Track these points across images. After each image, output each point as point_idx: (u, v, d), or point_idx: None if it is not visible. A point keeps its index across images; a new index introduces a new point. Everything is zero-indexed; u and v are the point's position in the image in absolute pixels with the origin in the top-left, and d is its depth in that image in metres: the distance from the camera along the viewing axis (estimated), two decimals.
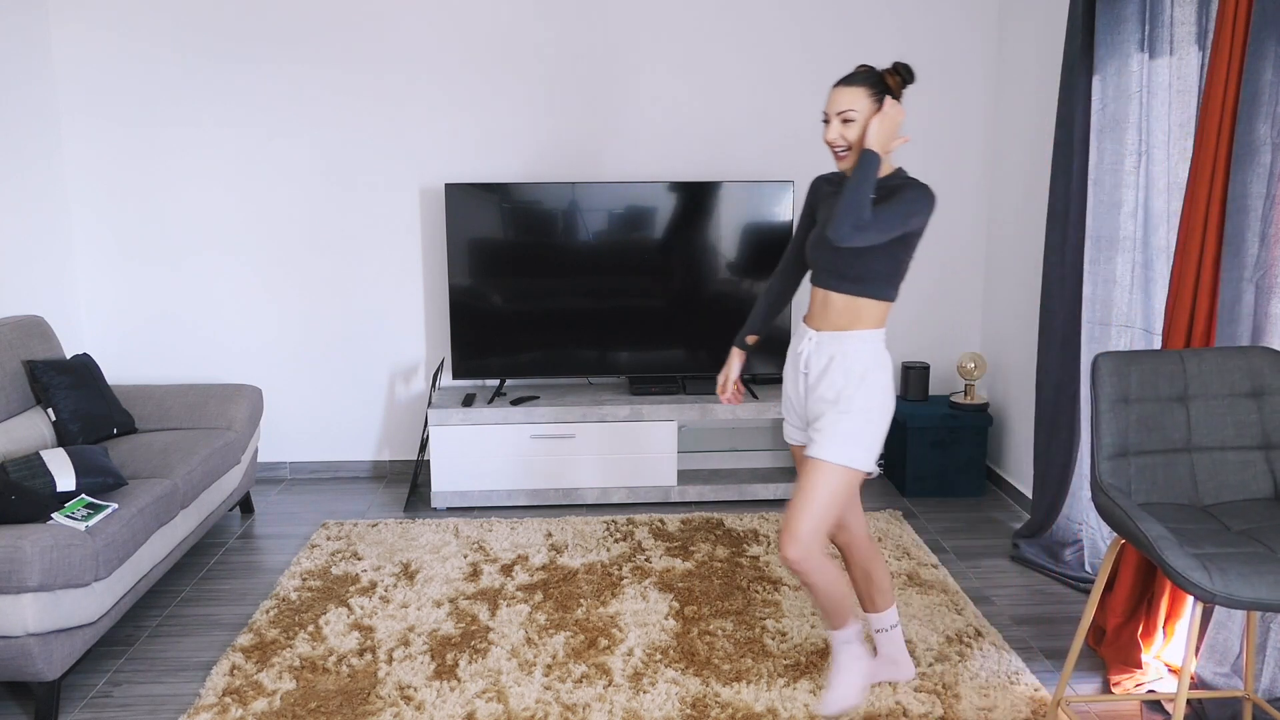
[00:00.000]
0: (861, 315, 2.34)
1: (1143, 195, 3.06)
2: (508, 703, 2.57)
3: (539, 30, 4.16)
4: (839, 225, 2.20)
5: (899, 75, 2.32)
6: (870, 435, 2.32)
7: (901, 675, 2.67)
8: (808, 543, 2.28)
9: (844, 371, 2.33)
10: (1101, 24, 3.15)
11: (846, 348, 2.34)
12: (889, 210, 2.23)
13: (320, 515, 3.98)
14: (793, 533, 2.29)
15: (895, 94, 2.30)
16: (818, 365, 2.38)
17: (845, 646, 2.50)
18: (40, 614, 2.40)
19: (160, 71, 4.10)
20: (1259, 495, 2.24)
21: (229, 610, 3.15)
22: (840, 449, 2.29)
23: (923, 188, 2.27)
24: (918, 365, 4.31)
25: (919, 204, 2.25)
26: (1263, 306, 2.43)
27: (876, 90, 2.28)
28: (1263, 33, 2.36)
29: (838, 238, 2.21)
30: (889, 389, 2.36)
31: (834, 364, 2.34)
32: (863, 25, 4.24)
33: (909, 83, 2.32)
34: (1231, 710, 2.45)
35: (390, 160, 4.22)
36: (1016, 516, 3.97)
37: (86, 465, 2.90)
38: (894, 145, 2.30)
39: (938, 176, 4.36)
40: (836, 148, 2.31)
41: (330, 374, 4.39)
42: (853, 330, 2.35)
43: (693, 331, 4.19)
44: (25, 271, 3.84)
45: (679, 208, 4.10)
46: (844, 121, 2.28)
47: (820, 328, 2.40)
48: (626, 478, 4.03)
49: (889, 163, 2.35)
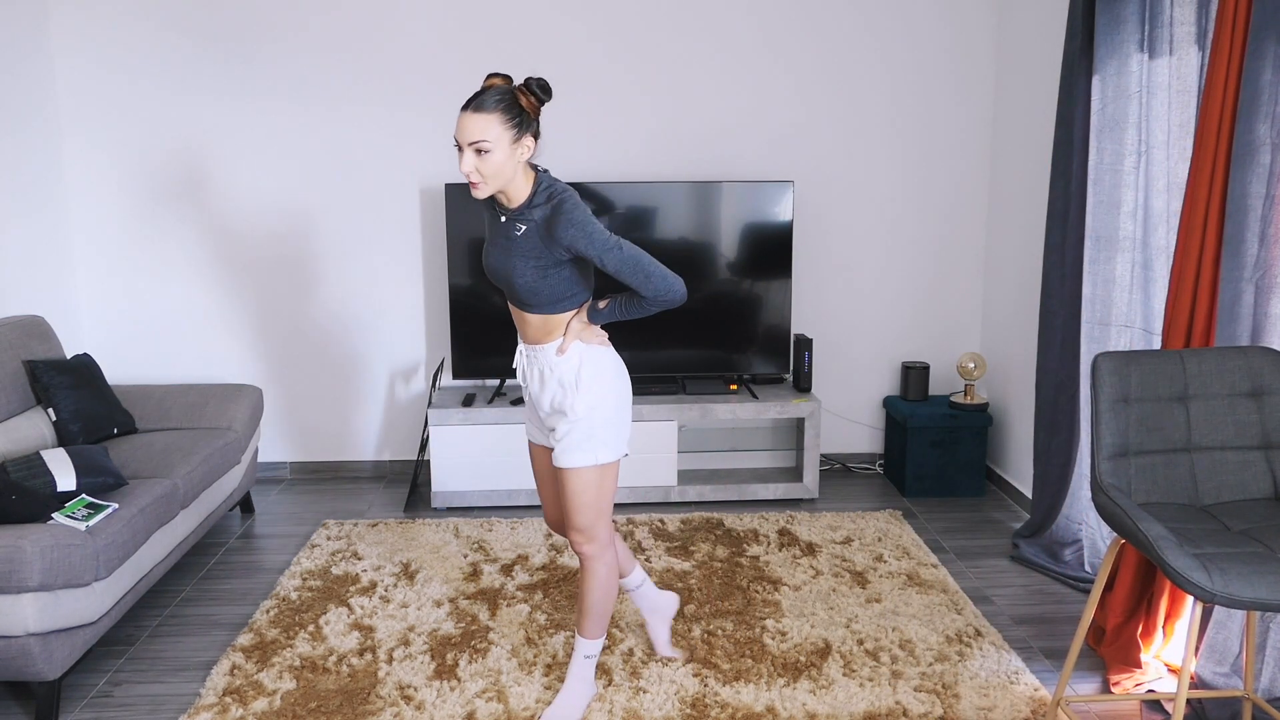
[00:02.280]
0: (554, 328, 2.33)
1: (1142, 195, 3.06)
2: (508, 703, 2.57)
3: (539, 31, 4.16)
4: (665, 295, 2.24)
5: (533, 94, 2.16)
6: (606, 430, 2.34)
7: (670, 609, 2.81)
8: (598, 533, 2.38)
9: (558, 382, 2.34)
10: (1101, 24, 3.15)
11: (552, 360, 2.34)
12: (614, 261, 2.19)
13: (320, 515, 3.98)
14: (579, 528, 2.37)
15: (532, 115, 2.17)
16: (534, 378, 2.39)
17: (589, 661, 2.54)
18: (40, 614, 2.40)
19: (160, 72, 4.10)
20: (1259, 495, 2.24)
21: (229, 610, 3.15)
22: (584, 454, 2.31)
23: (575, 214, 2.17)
24: (918, 365, 4.31)
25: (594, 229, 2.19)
26: (1263, 306, 2.43)
27: (511, 117, 2.12)
28: (1262, 33, 2.36)
29: (675, 301, 2.26)
30: (609, 376, 2.35)
31: (547, 376, 2.35)
32: (863, 25, 4.24)
33: (545, 101, 2.19)
34: (1231, 710, 2.45)
35: (391, 160, 4.23)
36: (1016, 516, 3.97)
37: (87, 465, 2.90)
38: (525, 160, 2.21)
39: (938, 176, 4.37)
40: (471, 180, 2.16)
41: (330, 374, 4.39)
42: (552, 341, 2.34)
43: (693, 331, 4.19)
44: (25, 271, 3.84)
45: (679, 208, 4.10)
46: (477, 152, 2.11)
47: (525, 340, 2.39)
48: (627, 477, 4.03)
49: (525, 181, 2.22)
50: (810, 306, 4.46)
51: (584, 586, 2.46)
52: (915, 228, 4.42)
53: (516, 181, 2.21)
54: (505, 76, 2.21)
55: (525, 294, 2.27)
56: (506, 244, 2.26)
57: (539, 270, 2.24)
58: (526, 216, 2.23)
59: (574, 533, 2.39)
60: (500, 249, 2.28)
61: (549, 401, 2.37)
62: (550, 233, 2.19)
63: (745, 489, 4.10)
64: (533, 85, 2.17)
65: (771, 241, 4.13)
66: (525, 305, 2.31)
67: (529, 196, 2.23)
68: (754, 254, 4.15)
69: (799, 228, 4.36)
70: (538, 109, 2.19)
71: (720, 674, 2.71)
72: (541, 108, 2.21)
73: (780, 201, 4.10)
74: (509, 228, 2.26)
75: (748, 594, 3.19)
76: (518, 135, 2.14)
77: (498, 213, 2.30)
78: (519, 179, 2.21)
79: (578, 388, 2.31)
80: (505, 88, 2.17)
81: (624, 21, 4.18)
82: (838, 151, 4.33)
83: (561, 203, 2.20)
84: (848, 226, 4.40)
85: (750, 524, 3.80)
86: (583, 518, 2.36)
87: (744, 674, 2.71)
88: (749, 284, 4.18)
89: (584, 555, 2.42)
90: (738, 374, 4.27)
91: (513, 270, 2.25)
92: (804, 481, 4.11)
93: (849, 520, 3.84)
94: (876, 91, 4.30)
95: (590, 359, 2.33)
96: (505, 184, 2.19)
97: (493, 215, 2.33)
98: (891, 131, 4.33)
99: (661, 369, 4.22)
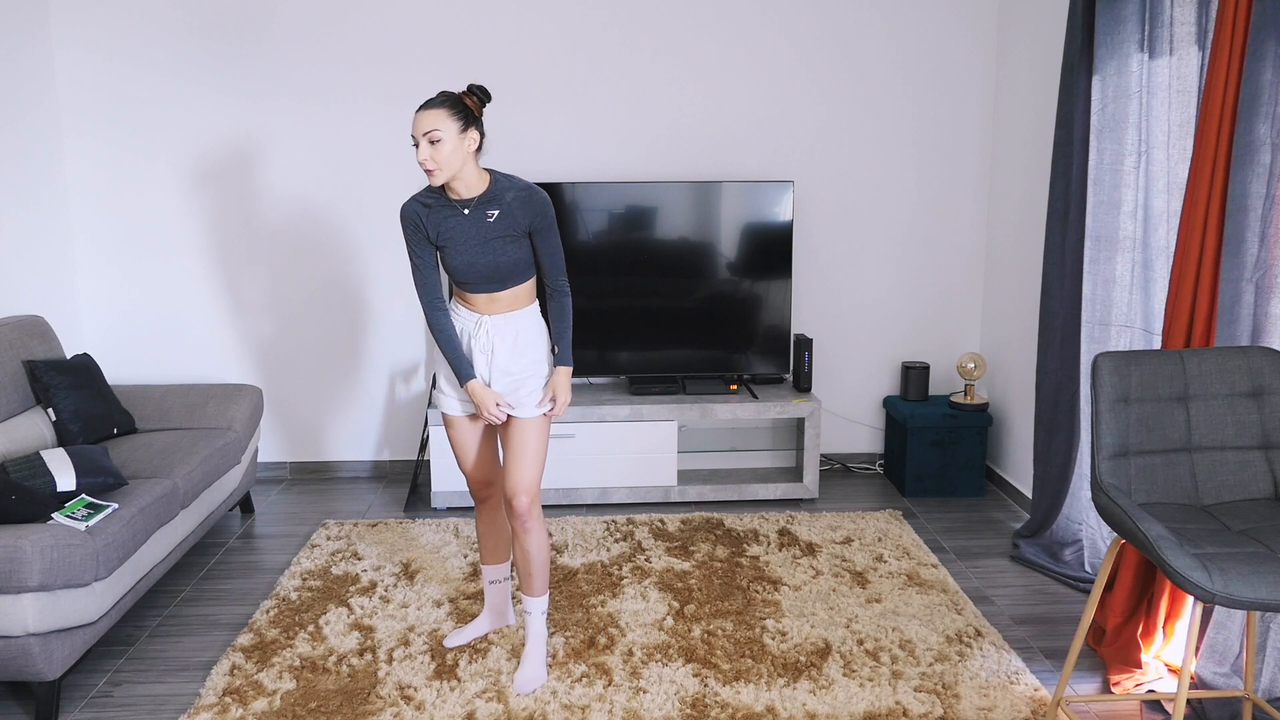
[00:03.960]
0: (524, 294, 2.63)
1: (1142, 195, 3.06)
2: (508, 703, 2.57)
3: (539, 31, 4.16)
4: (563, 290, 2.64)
5: (475, 96, 2.48)
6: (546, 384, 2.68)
7: (506, 622, 2.96)
8: (538, 492, 2.64)
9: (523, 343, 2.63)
10: (1101, 24, 3.15)
11: (522, 322, 2.63)
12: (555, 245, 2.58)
13: (320, 515, 3.98)
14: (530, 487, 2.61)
15: (476, 113, 2.47)
16: (503, 347, 2.60)
17: (543, 616, 2.72)
18: (40, 614, 2.40)
19: (160, 72, 4.10)
20: (1259, 495, 2.24)
21: (229, 610, 3.15)
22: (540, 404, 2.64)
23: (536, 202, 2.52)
24: (918, 365, 4.31)
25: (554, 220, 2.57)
26: (1263, 306, 2.43)
27: (457, 111, 2.43)
28: (1262, 33, 2.36)
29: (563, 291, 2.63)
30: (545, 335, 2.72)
31: (520, 340, 2.62)
32: (863, 26, 4.24)
33: (485, 102, 2.50)
34: (1231, 710, 2.45)
35: (390, 160, 4.22)
36: (1016, 516, 3.97)
37: (87, 465, 2.90)
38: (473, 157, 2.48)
39: (938, 176, 4.37)
40: (426, 167, 2.42)
41: (330, 374, 4.39)
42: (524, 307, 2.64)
43: (693, 331, 4.19)
44: (25, 271, 3.84)
45: (679, 208, 4.10)
46: (431, 142, 2.40)
47: (493, 312, 2.61)
48: (626, 478, 4.03)
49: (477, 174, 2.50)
50: (810, 306, 4.46)
51: (530, 548, 2.64)
52: (915, 228, 4.42)
53: (468, 171, 2.48)
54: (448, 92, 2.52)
55: (510, 270, 2.55)
56: (481, 233, 2.51)
57: (516, 244, 2.53)
58: (497, 201, 2.51)
59: (523, 495, 2.59)
60: (475, 242, 2.52)
61: (518, 363, 2.61)
62: (526, 209, 2.51)
63: (745, 489, 4.10)
64: (474, 89, 2.50)
65: (771, 241, 4.13)
66: (504, 283, 2.56)
67: (488, 185, 2.52)
68: (754, 254, 4.15)
69: (799, 228, 4.36)
70: (480, 108, 2.50)
71: (720, 674, 2.71)
72: (483, 107, 2.51)
73: (780, 201, 4.10)
74: (478, 216, 2.51)
75: (748, 594, 3.19)
76: (464, 127, 2.43)
77: (458, 208, 2.52)
78: (470, 168, 2.48)
79: (543, 349, 2.66)
80: (450, 92, 2.50)
81: (624, 22, 4.18)
82: (838, 151, 4.34)
83: (531, 190, 2.53)
84: (848, 226, 4.40)
85: (750, 524, 3.80)
86: (535, 471, 2.61)
87: (744, 674, 2.71)
88: (749, 284, 4.18)
89: (528, 517, 2.61)
90: (738, 374, 4.28)
91: (496, 253, 2.52)
92: (804, 481, 4.11)
93: (849, 520, 3.84)
94: (876, 91, 4.30)
95: (537, 320, 2.66)
96: (457, 171, 2.45)
97: (452, 214, 2.53)
98: (892, 131, 4.33)
99: (661, 369, 4.22)
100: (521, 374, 2.61)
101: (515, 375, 2.61)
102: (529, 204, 2.52)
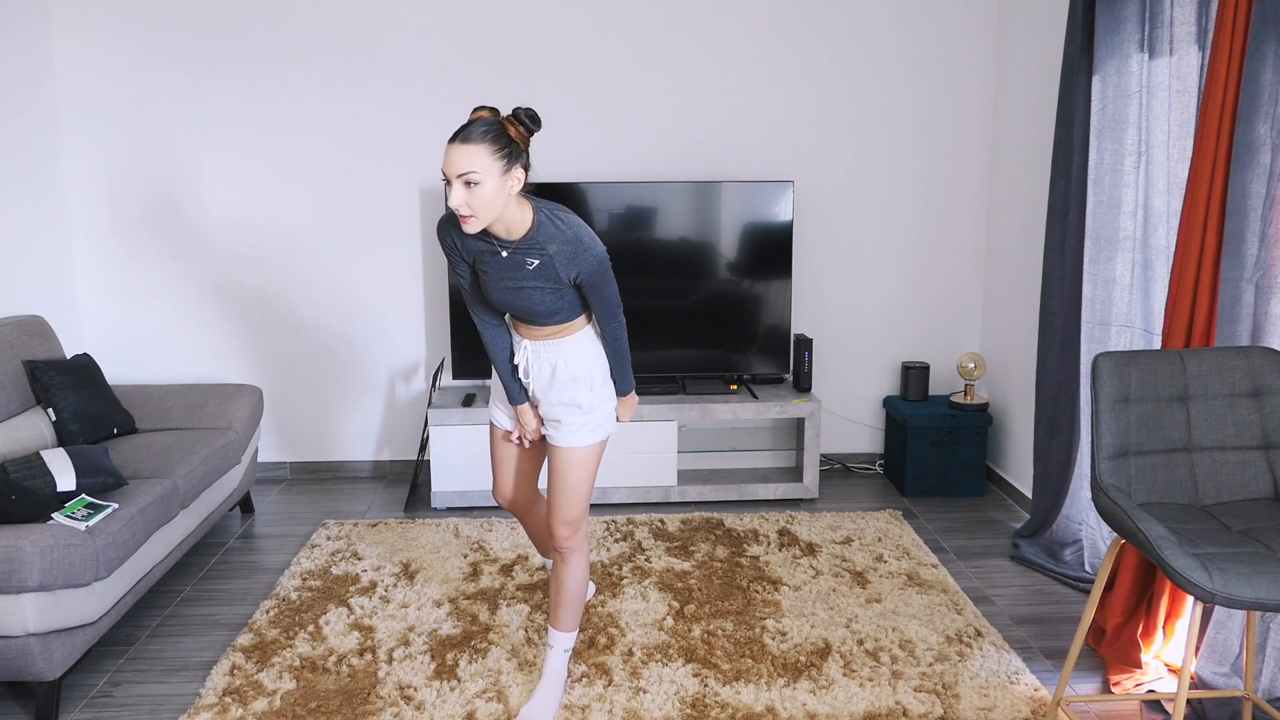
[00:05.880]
0: (569, 326, 2.39)
1: (1142, 195, 3.06)
2: (508, 703, 2.57)
3: (540, 31, 4.16)
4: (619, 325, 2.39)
5: (522, 124, 2.12)
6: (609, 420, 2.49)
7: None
8: (581, 525, 2.46)
9: (571, 378, 2.40)
10: (1101, 24, 3.15)
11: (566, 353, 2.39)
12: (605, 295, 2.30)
13: (320, 515, 3.98)
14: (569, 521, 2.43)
15: (521, 146, 2.12)
16: (544, 372, 2.41)
17: (564, 654, 2.57)
18: (40, 614, 2.40)
19: (160, 72, 4.10)
20: (1259, 495, 2.24)
21: (229, 610, 3.15)
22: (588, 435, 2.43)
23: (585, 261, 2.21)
24: (918, 365, 4.31)
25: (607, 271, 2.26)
26: (1263, 306, 2.43)
27: (500, 148, 2.06)
28: (1262, 33, 2.36)
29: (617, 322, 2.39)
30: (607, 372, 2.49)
31: (560, 370, 2.40)
32: (863, 26, 4.24)
33: (534, 131, 2.14)
34: (1231, 710, 2.45)
35: (390, 160, 4.23)
36: (1016, 516, 3.97)
37: (86, 465, 2.90)
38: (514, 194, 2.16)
39: (938, 176, 4.37)
40: (461, 213, 2.08)
41: (330, 374, 4.39)
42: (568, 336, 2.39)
43: (693, 331, 4.19)
44: (25, 271, 3.84)
45: (679, 208, 4.10)
46: (467, 184, 2.05)
47: (535, 338, 2.40)
48: (626, 477, 4.03)
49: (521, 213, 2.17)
50: (810, 306, 4.46)
51: (564, 580, 2.48)
52: (915, 228, 4.42)
53: (510, 213, 2.15)
54: (493, 109, 2.16)
55: (545, 314, 2.31)
56: (516, 276, 2.24)
57: (557, 293, 2.27)
58: (538, 250, 2.20)
59: (562, 527, 2.43)
60: (509, 282, 2.25)
61: (558, 394, 2.41)
62: (571, 265, 2.22)
63: (745, 489, 4.10)
64: (521, 115, 2.12)
65: (771, 241, 4.13)
66: (544, 321, 2.34)
67: (531, 228, 2.19)
68: (754, 254, 4.15)
69: (799, 228, 4.36)
70: (527, 139, 2.14)
71: (720, 674, 2.71)
72: (530, 138, 2.15)
73: (780, 201, 4.10)
74: (517, 261, 2.22)
75: (748, 594, 3.19)
76: (507, 166, 2.08)
77: (496, 246, 2.23)
78: (512, 210, 2.15)
79: (591, 383, 2.41)
80: (492, 119, 2.11)
81: (624, 22, 4.18)
82: (838, 151, 4.34)
83: (579, 245, 2.21)
84: (848, 226, 4.40)
85: (750, 524, 3.80)
86: (575, 507, 2.43)
87: (744, 674, 2.71)
88: (749, 284, 4.18)
89: (568, 549, 2.46)
90: (738, 374, 4.28)
91: (531, 299, 2.26)
92: (804, 481, 4.11)
93: (849, 520, 3.84)
94: (876, 91, 4.30)
95: (599, 358, 2.44)
96: (496, 216, 2.13)
97: (489, 250, 2.25)
98: (892, 131, 4.33)
99: (661, 369, 4.22)
100: (559, 402, 2.41)
101: (552, 403, 2.43)
102: (574, 261, 2.20)
